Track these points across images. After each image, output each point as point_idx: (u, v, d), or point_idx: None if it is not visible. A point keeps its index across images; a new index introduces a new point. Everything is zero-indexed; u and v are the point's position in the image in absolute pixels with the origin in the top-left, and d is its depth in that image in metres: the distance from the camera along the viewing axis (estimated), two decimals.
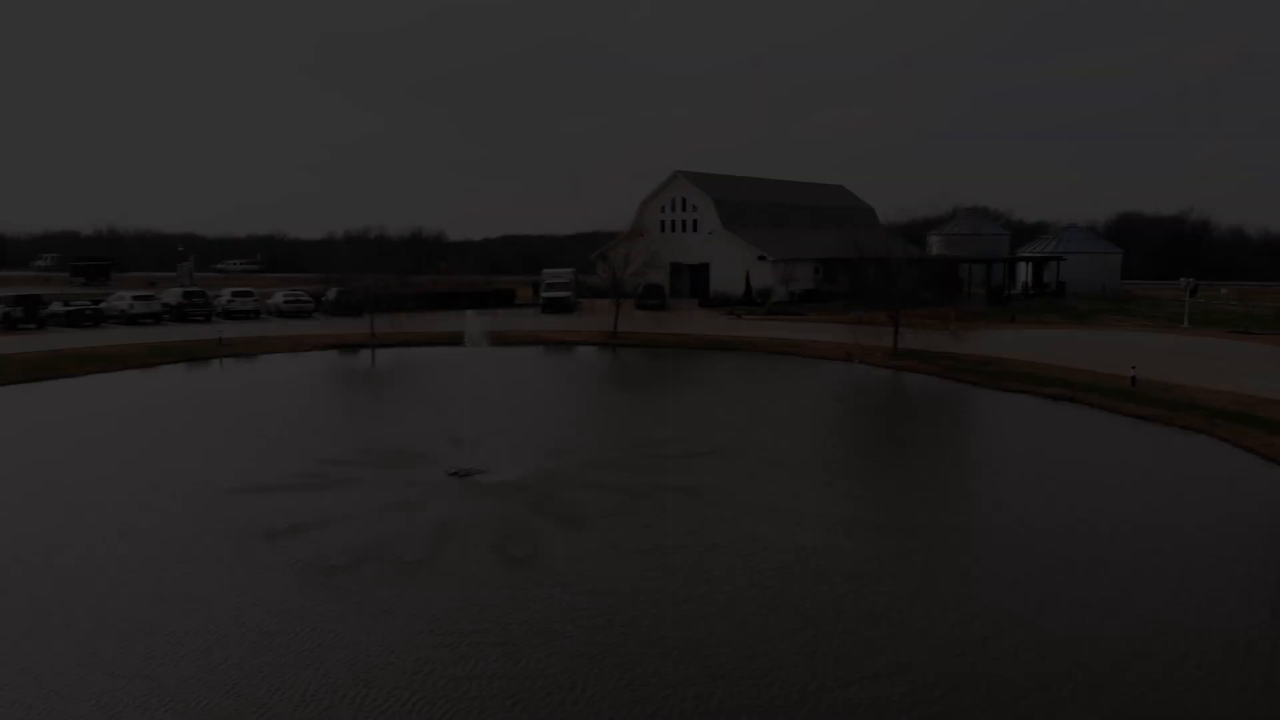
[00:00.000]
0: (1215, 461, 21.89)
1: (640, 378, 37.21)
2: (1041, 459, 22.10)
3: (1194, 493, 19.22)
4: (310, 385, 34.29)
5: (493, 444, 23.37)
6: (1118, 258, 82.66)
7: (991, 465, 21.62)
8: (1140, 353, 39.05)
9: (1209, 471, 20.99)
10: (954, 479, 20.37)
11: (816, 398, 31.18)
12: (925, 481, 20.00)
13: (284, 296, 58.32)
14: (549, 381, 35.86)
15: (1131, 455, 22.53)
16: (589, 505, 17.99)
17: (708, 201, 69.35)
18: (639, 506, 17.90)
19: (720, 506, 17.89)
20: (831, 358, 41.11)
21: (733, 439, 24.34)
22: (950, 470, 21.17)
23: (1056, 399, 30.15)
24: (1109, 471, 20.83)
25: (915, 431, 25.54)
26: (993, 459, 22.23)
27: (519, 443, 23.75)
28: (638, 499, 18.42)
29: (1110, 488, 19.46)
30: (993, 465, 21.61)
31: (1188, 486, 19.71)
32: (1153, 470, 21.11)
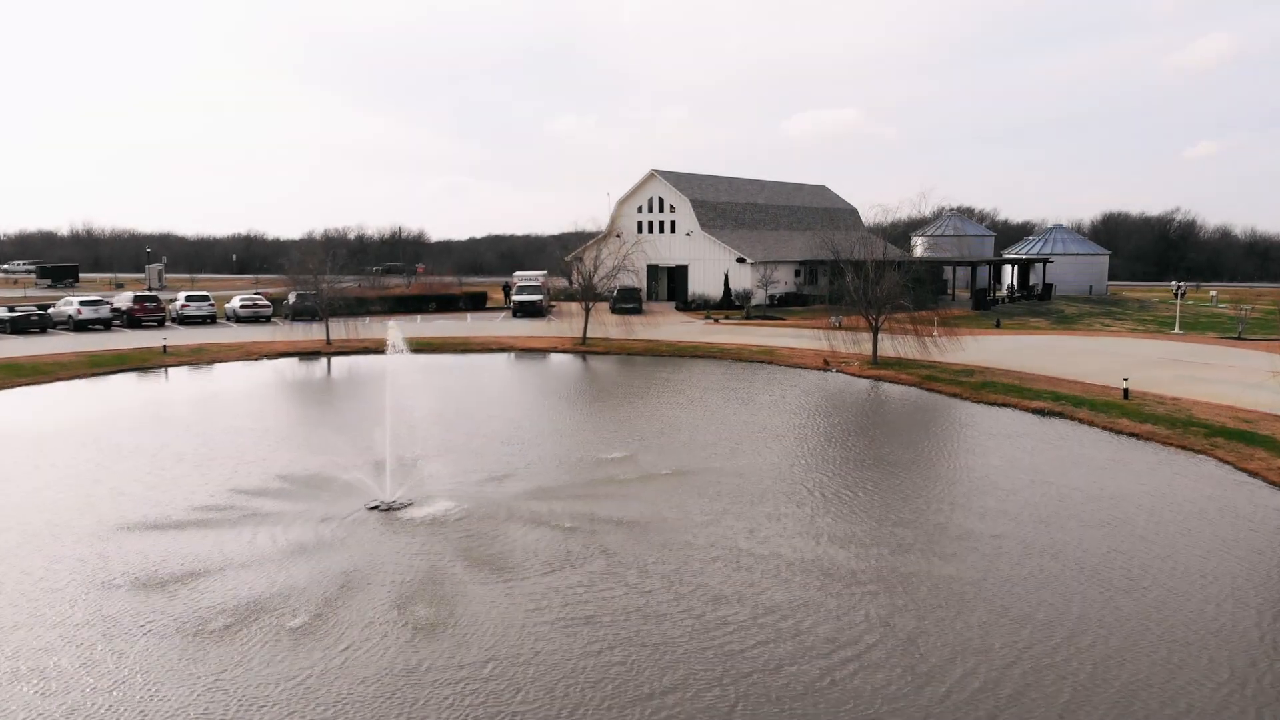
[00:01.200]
0: (1219, 489, 19.94)
1: (605, 389, 35.12)
2: (1030, 487, 20.09)
3: (1199, 531, 17.23)
4: (247, 399, 32.04)
5: (430, 468, 21.32)
6: (1105, 260, 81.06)
7: (978, 495, 19.58)
8: (1131, 361, 37.22)
9: (1212, 503, 19.00)
10: (936, 513, 18.31)
11: (790, 412, 29.14)
12: (907, 518, 17.87)
13: (240, 301, 55.94)
14: (506, 393, 33.73)
15: (1127, 483, 20.53)
16: (523, 550, 15.85)
17: (685, 202, 67.30)
18: (582, 552, 15.76)
19: (676, 551, 15.72)
20: (809, 366, 39.13)
21: (697, 459, 22.28)
22: (932, 503, 19.11)
23: (1044, 414, 28.23)
24: (1103, 504, 18.82)
25: (894, 454, 23.51)
26: (978, 487, 20.19)
27: (460, 466, 21.68)
28: (582, 539, 16.30)
29: (1106, 524, 17.49)
30: (979, 495, 19.57)
31: (1191, 522, 17.72)
32: (1151, 503, 19.10)
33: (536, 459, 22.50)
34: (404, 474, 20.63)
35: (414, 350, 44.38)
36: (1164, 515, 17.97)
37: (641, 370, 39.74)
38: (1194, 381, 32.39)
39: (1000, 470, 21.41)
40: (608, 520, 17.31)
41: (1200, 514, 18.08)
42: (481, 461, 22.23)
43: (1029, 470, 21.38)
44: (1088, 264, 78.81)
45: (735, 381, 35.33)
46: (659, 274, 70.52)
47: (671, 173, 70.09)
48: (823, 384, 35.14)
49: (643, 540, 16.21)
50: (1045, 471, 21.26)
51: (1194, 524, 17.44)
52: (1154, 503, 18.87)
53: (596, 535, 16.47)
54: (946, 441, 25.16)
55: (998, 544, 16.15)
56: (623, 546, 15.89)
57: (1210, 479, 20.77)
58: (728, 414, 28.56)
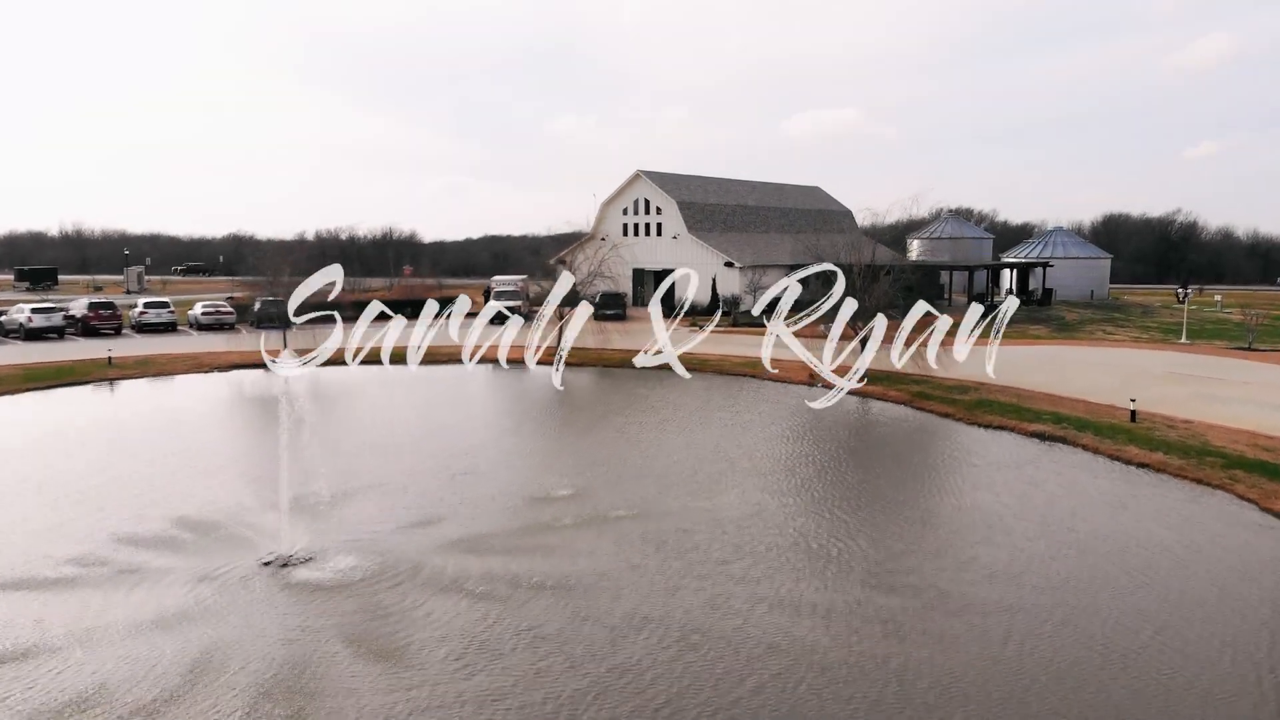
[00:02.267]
0: (1252, 535, 17.45)
1: (571, 408, 32.64)
2: (1040, 536, 17.60)
3: (1245, 594, 14.74)
4: (182, 420, 29.56)
5: (351, 508, 18.88)
6: (1106, 263, 78.63)
7: (982, 547, 17.04)
8: (1137, 376, 34.76)
9: (1251, 555, 16.49)
10: (933, 573, 15.77)
11: (770, 437, 26.69)
12: (899, 582, 15.19)
13: (203, 308, 53.45)
14: (462, 413, 31.25)
15: (1147, 530, 17.97)
16: (428, 629, 13.29)
17: (671, 204, 64.83)
18: (501, 635, 13.18)
19: (619, 635, 13.05)
20: (793, 380, 36.63)
21: (661, 497, 19.82)
22: (928, 559, 16.54)
23: (1044, 439, 25.77)
24: (1126, 560, 16.26)
25: (884, 490, 21.06)
26: (981, 537, 17.64)
27: (386, 505, 19.24)
28: (506, 614, 13.72)
29: (1134, 587, 15.00)
30: (983, 547, 17.03)
31: (1232, 581, 15.22)
32: (1180, 554, 16.58)
33: (475, 496, 20.01)
34: (317, 517, 18.21)
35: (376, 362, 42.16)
36: (1199, 573, 15.45)
37: (615, 385, 37.27)
38: (1206, 401, 29.93)
39: (1004, 513, 18.87)
40: (543, 585, 14.77)
41: (1241, 571, 15.54)
42: (411, 499, 19.77)
43: (1036, 513, 18.85)
44: (1089, 268, 76.37)
45: (713, 399, 32.87)
46: (645, 278, 68.05)
47: (657, 173, 67.63)
48: (806, 400, 32.63)
49: (581, 617, 13.62)
50: (1054, 515, 18.74)
51: (1235, 584, 14.95)
52: (1183, 554, 16.35)
53: (524, 608, 13.89)
54: (941, 475, 22.61)
55: (1010, 620, 13.47)
56: (555, 626, 13.26)
57: (1238, 522, 18.29)
58: (701, 438, 26.10)
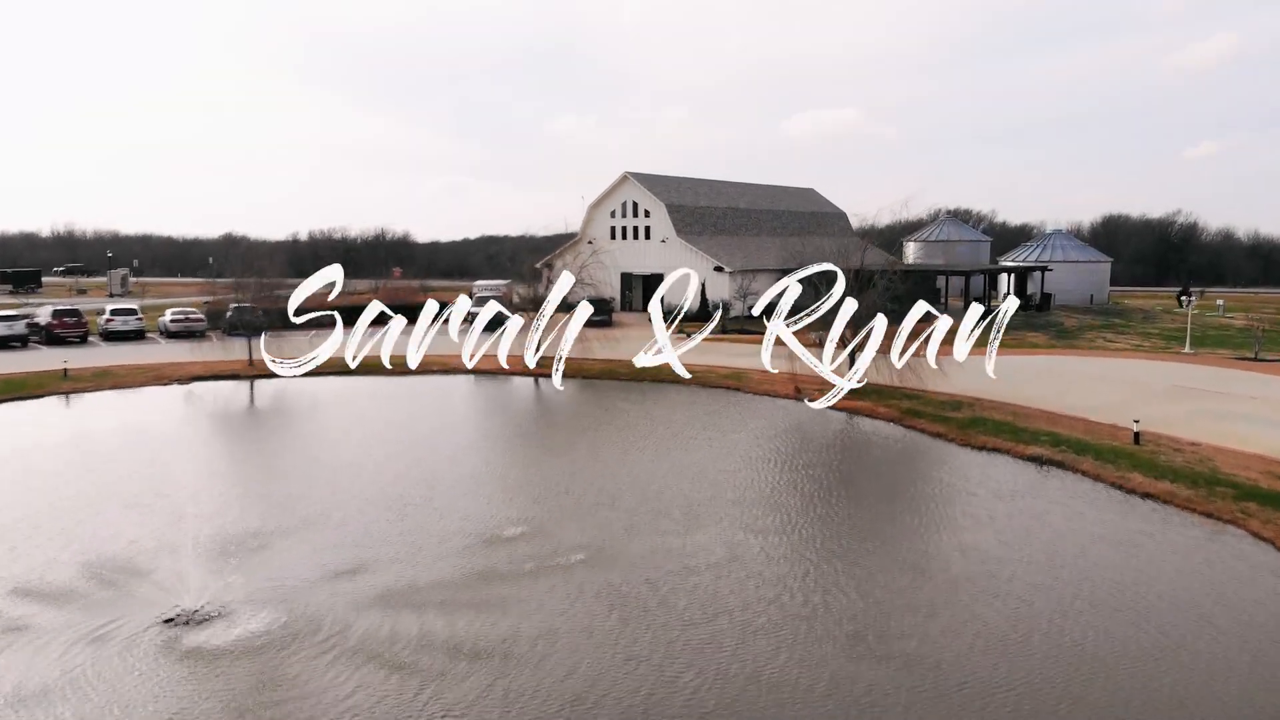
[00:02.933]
0: (1267, 585, 15.74)
1: (543, 424, 30.93)
2: (1047, 587, 15.88)
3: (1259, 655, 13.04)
4: (129, 442, 27.83)
5: (276, 551, 17.15)
6: (1106, 267, 76.91)
7: (982, 604, 15.26)
8: (1139, 390, 33.05)
9: (1266, 609, 14.78)
10: (930, 643, 14.01)
11: (753, 460, 24.96)
12: (890, 649, 13.34)
13: (172, 315, 51.67)
14: (424, 430, 29.48)
15: (1164, 578, 16.22)
16: (334, 709, 11.62)
17: (659, 206, 63.11)
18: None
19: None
20: (779, 394, 34.93)
21: (625, 534, 18.13)
22: (922, 620, 14.72)
23: (1041, 463, 24.06)
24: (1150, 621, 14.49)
25: (873, 527, 19.34)
26: (980, 589, 15.86)
27: (315, 545, 17.52)
28: (424, 694, 11.99)
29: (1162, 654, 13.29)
30: (984, 604, 15.25)
31: (1247, 641, 13.52)
32: (1209, 611, 14.83)
33: (415, 534, 18.28)
34: (244, 558, 16.50)
35: (348, 372, 40.42)
36: (1227, 634, 13.69)
37: (593, 398, 35.56)
38: (1213, 419, 28.24)
39: (1005, 556, 17.10)
40: (484, 654, 12.98)
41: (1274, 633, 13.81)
42: (345, 537, 18.04)
43: (1040, 555, 17.09)
44: (1088, 271, 74.69)
45: (696, 416, 31.15)
46: (633, 282, 66.39)
47: (646, 175, 65.91)
48: (791, 417, 30.95)
49: (524, 695, 11.88)
50: (1060, 557, 16.96)
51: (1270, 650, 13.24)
52: (1208, 609, 14.56)
53: (460, 685, 12.11)
54: (936, 508, 20.78)
55: (1015, 702, 11.70)
56: (494, 714, 11.53)
57: (1260, 566, 16.59)
58: (680, 462, 24.37)
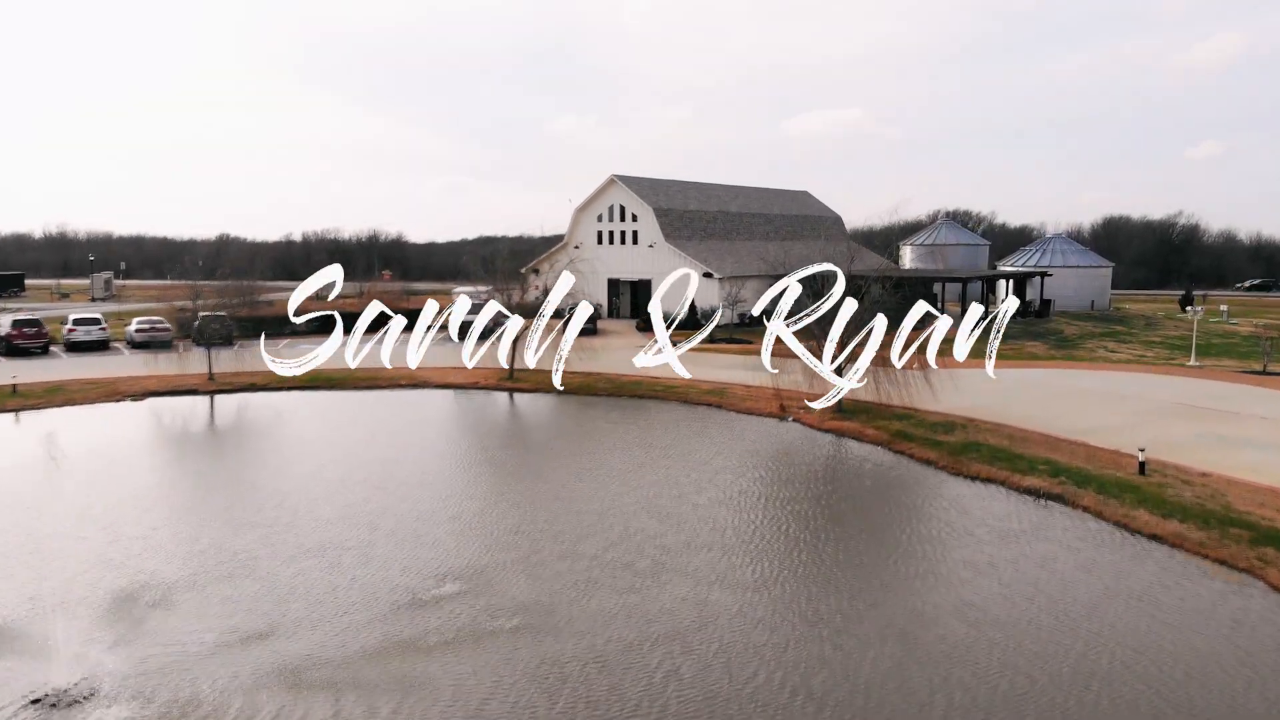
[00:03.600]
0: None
1: (506, 447, 29.03)
2: (1047, 651, 14.08)
3: None
4: (65, 470, 25.96)
5: (175, 609, 15.34)
6: (1107, 272, 75.06)
7: (984, 684, 13.52)
8: (1143, 409, 31.20)
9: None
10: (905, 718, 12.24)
11: (725, 494, 23.10)
12: None
13: (138, 325, 49.77)
14: (377, 454, 27.59)
15: (1177, 643, 14.42)
16: None
17: (647, 210, 61.25)
18: None
19: None
20: (762, 412, 33.09)
21: (577, 590, 16.29)
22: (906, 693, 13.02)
23: (1040, 496, 22.26)
24: (1161, 698, 12.77)
25: (857, 578, 17.55)
26: (980, 663, 14.08)
27: (220, 605, 15.65)
28: None
29: None
30: (986, 684, 13.51)
31: None
32: (1221, 692, 13.05)
33: (344, 590, 16.42)
34: (133, 623, 14.68)
35: (314, 386, 38.62)
36: None
37: (565, 417, 33.71)
38: (1223, 444, 26.42)
39: (1007, 619, 15.24)
40: None
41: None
42: (266, 591, 16.21)
43: (1045, 619, 15.18)
44: (1089, 277, 72.87)
45: (674, 439, 29.29)
46: (621, 289, 64.54)
47: (633, 178, 64.06)
48: (775, 440, 29.11)
49: None
50: (1067, 622, 15.06)
51: None
52: (1245, 696, 12.75)
53: None
54: (928, 553, 18.86)
55: None
56: None
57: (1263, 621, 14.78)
58: (650, 495, 22.52)
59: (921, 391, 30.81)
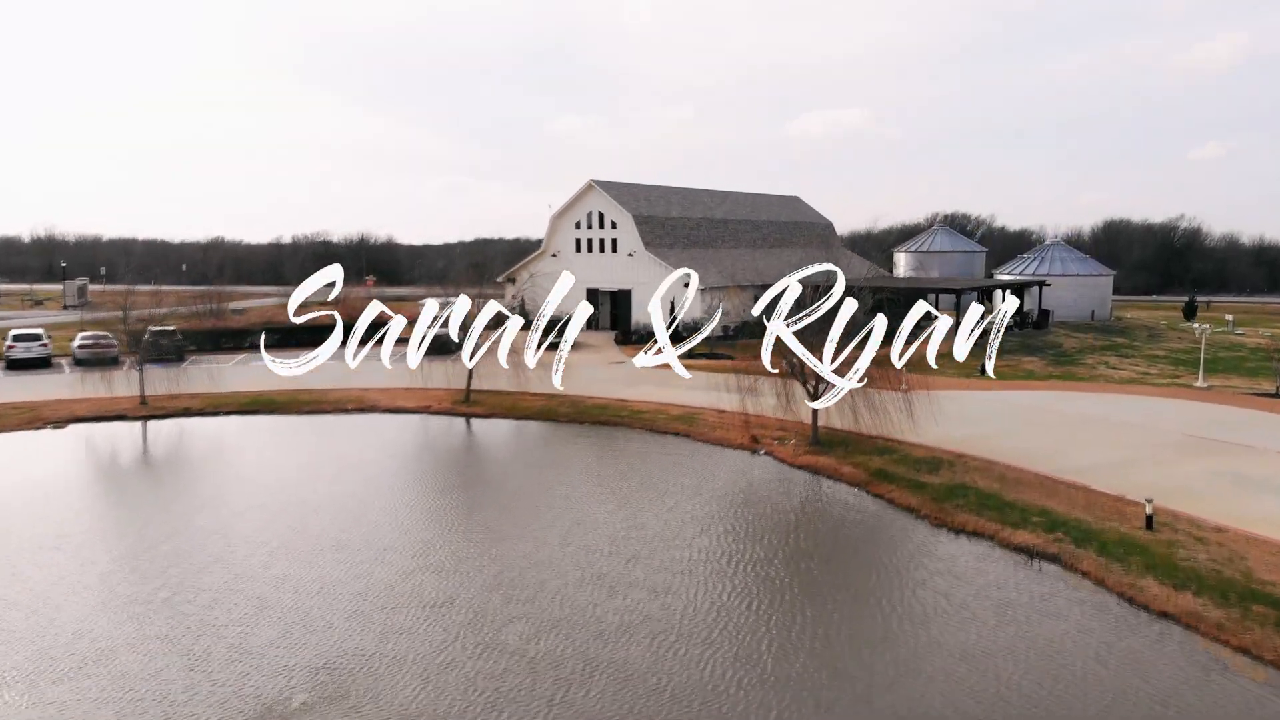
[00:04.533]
0: None
1: (439, 495, 26.21)
2: None
3: None
4: None
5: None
6: (1108, 280, 72.29)
7: None
8: (1148, 441, 28.44)
9: None
10: None
11: (682, 555, 20.38)
12: None
13: (80, 340, 46.98)
14: (290, 503, 24.78)
15: None
16: None
17: (627, 217, 58.51)
18: None
19: None
20: (732, 444, 30.37)
21: (477, 708, 13.51)
22: None
23: (1034, 556, 19.58)
24: None
25: (832, 675, 14.86)
26: None
27: None
28: None
29: None
30: None
31: None
32: None
33: (193, 699, 13.68)
34: None
35: (255, 410, 35.91)
36: None
37: (517, 450, 30.97)
38: (1238, 487, 23.71)
39: None
40: None
41: None
42: (104, 695, 13.48)
43: None
44: (1089, 285, 70.10)
45: (631, 479, 26.57)
46: (600, 299, 61.78)
47: (612, 184, 61.33)
48: (744, 482, 26.37)
49: None
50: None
51: None
52: None
53: None
54: (912, 635, 16.16)
55: None
56: None
57: None
58: (590, 559, 19.78)
59: (905, 420, 28.08)
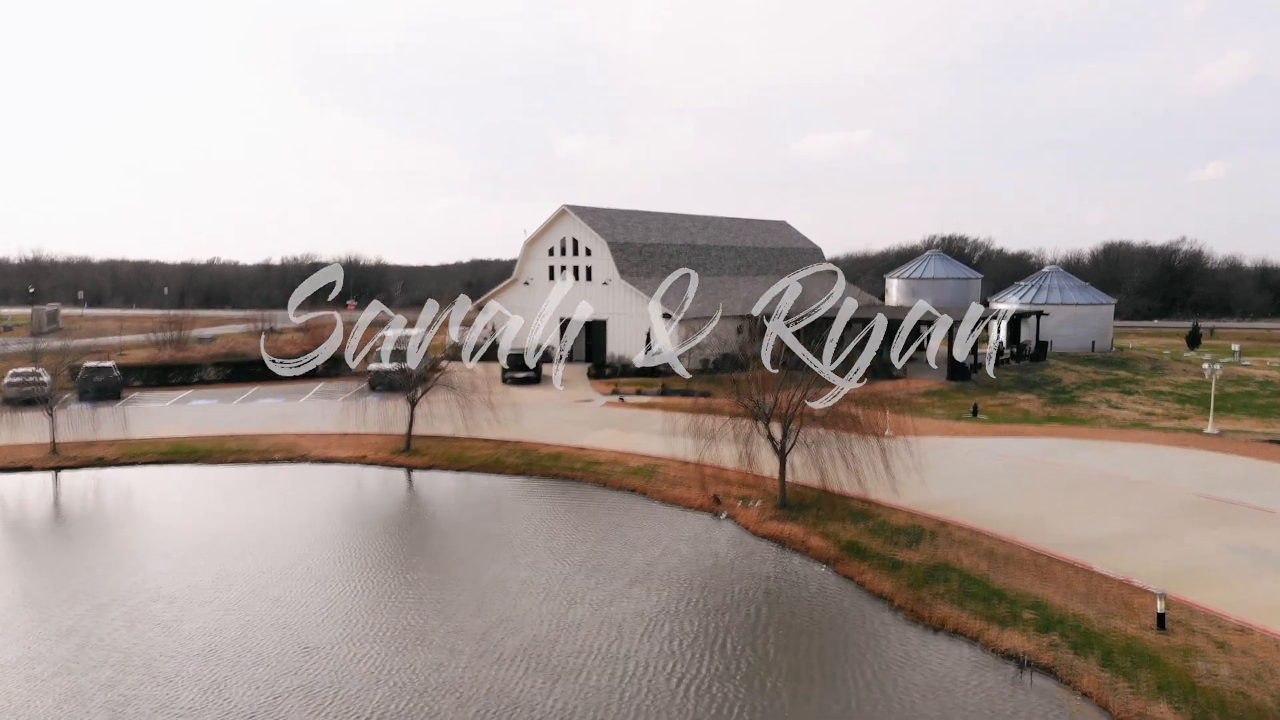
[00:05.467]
0: None
1: (345, 575, 23.08)
2: None
3: None
4: None
5: None
6: (1109, 309, 69.26)
7: None
8: (1157, 506, 25.23)
9: None
10: None
11: (611, 674, 17.26)
12: None
13: (10, 377, 43.77)
14: (169, 595, 21.64)
15: None
16: None
17: (601, 244, 55.56)
18: None
19: None
20: (691, 504, 27.25)
21: None
22: None
23: (1024, 666, 16.42)
24: None
25: None
26: None
27: None
28: None
29: None
30: None
31: None
32: None
33: None
34: None
35: (175, 459, 32.80)
36: None
37: (447, 517, 27.77)
38: (1260, 565, 20.60)
39: None
40: None
41: None
42: None
43: None
44: (1089, 315, 67.07)
45: (574, 554, 23.41)
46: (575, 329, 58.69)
47: (587, 208, 58.43)
48: (701, 555, 23.18)
49: None
50: None
51: None
52: None
53: None
54: None
55: None
56: None
57: None
58: (503, 673, 16.64)
59: (884, 477, 24.91)
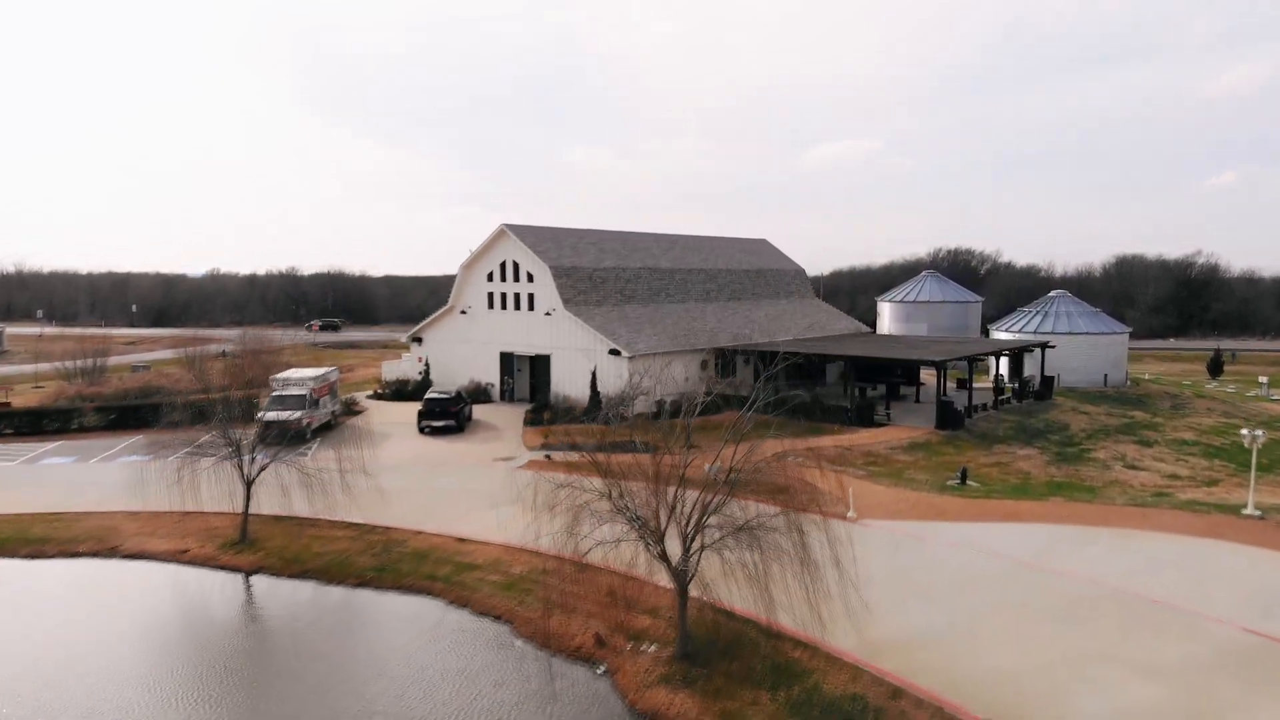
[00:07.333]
0: None
1: None
2: None
3: None
4: None
5: None
6: (1123, 340, 62.20)
7: None
8: (1193, 652, 18.28)
9: None
10: None
11: None
12: None
13: None
14: None
15: None
16: None
17: (543, 269, 48.83)
18: None
19: None
20: (568, 648, 20.42)
21: None
22: None
23: None
24: None
25: None
26: None
27: None
28: None
29: None
30: None
31: None
32: None
33: None
34: None
35: None
36: None
37: (234, 669, 21.05)
38: None
39: None
40: None
41: None
42: None
43: None
44: (1101, 346, 60.01)
45: (353, 689, 16.65)
46: (518, 364, 52.06)
47: (529, 228, 51.74)
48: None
49: None
50: None
51: None
52: None
53: None
54: None
55: None
56: None
57: None
58: None
59: (824, 602, 18.05)
